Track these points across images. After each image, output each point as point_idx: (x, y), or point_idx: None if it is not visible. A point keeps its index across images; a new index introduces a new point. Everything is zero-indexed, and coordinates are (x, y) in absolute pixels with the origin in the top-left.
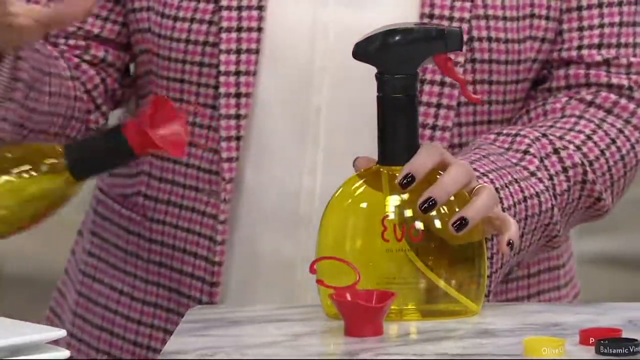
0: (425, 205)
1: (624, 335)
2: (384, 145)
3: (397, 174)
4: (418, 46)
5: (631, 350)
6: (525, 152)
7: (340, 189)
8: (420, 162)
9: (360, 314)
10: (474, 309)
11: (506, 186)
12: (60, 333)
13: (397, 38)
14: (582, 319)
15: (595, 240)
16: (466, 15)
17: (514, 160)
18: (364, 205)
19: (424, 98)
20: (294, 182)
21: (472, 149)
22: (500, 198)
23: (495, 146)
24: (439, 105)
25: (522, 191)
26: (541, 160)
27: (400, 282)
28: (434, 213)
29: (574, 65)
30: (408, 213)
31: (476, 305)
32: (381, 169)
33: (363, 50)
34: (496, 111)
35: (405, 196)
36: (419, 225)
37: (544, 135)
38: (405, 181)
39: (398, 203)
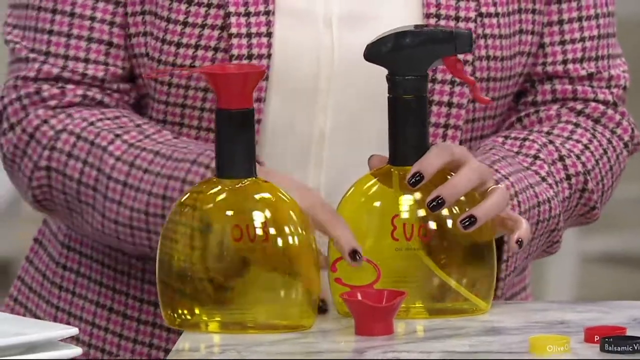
0: (434, 203)
1: (629, 333)
2: (394, 146)
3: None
4: (428, 48)
5: (635, 348)
6: (536, 157)
7: (353, 188)
8: (430, 161)
9: (370, 314)
10: (484, 306)
11: (523, 190)
12: (73, 331)
13: (407, 40)
14: (587, 317)
15: (600, 239)
16: (472, 14)
17: (525, 165)
18: (375, 204)
19: (435, 97)
20: None
21: (488, 149)
22: (519, 202)
23: (505, 149)
24: (450, 104)
25: (536, 196)
26: (549, 166)
27: (410, 280)
28: (444, 212)
29: (559, 80)
30: (417, 212)
31: (485, 303)
32: (392, 169)
33: (374, 52)
34: (488, 126)
35: (415, 196)
36: (429, 224)
37: (551, 142)
38: (414, 180)
39: (408, 202)
